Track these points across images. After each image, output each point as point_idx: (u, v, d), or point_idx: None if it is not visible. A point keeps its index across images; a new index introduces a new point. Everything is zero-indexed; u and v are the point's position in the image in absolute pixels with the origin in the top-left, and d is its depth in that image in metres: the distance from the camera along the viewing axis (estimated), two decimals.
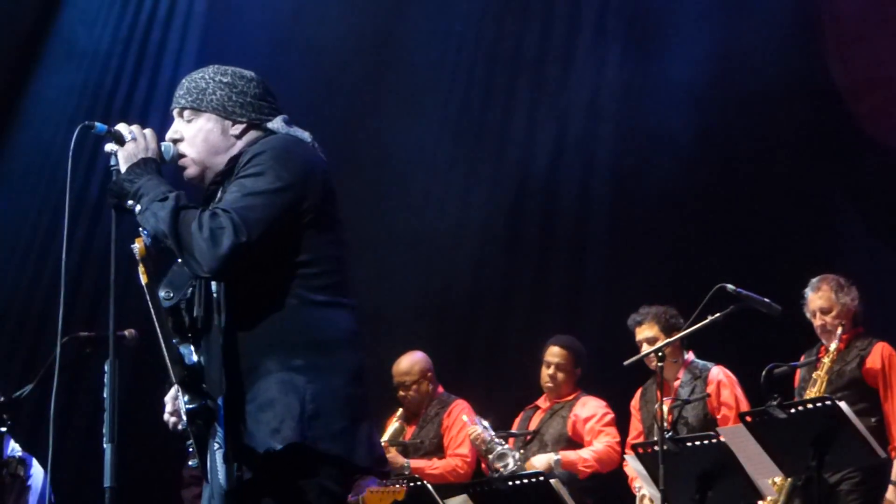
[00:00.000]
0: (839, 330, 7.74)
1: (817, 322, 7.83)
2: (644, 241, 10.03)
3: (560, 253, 10.36)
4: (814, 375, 7.74)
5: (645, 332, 8.26)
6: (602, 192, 10.27)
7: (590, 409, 8.64)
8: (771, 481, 7.42)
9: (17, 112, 10.92)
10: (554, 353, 8.75)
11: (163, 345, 3.94)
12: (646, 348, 8.11)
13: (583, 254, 10.30)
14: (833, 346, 7.72)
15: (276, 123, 4.18)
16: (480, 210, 10.40)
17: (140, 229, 3.93)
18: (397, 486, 7.64)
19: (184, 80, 4.23)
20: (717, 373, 8.24)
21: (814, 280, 7.90)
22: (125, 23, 11.11)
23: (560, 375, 8.71)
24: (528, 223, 10.48)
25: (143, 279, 3.91)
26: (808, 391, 7.71)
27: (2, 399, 7.19)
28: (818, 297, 7.82)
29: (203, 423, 3.95)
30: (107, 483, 3.93)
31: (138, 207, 3.95)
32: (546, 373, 8.75)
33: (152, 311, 3.92)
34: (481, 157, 10.54)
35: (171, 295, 3.97)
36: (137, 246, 3.91)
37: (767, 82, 9.67)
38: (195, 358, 3.99)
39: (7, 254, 10.68)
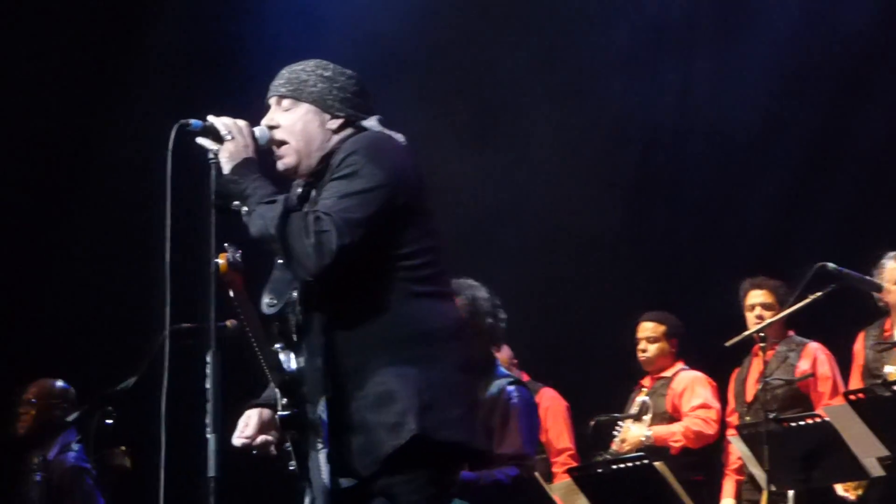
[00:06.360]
0: None
1: None
2: (737, 219, 9.99)
3: (654, 230, 10.32)
4: None
5: (762, 297, 8.20)
6: (695, 173, 10.21)
7: (685, 383, 8.56)
8: None
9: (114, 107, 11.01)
10: (643, 328, 8.73)
11: (259, 353, 4.00)
12: (757, 312, 8.08)
13: (677, 232, 10.23)
14: None
15: (371, 122, 4.21)
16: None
17: (225, 245, 3.97)
18: None
19: (283, 70, 4.27)
20: (816, 347, 8.19)
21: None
22: None
23: (651, 348, 8.67)
24: (619, 200, 10.42)
25: (232, 293, 3.97)
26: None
27: (108, 391, 7.23)
28: None
29: (298, 430, 4.03)
30: (210, 472, 3.96)
31: (245, 209, 4.01)
32: (639, 348, 8.73)
33: (245, 321, 3.99)
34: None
35: (275, 301, 4.04)
36: (220, 262, 3.96)
37: (853, 57, 9.64)
38: (294, 365, 4.05)
39: (108, 246, 10.78)
